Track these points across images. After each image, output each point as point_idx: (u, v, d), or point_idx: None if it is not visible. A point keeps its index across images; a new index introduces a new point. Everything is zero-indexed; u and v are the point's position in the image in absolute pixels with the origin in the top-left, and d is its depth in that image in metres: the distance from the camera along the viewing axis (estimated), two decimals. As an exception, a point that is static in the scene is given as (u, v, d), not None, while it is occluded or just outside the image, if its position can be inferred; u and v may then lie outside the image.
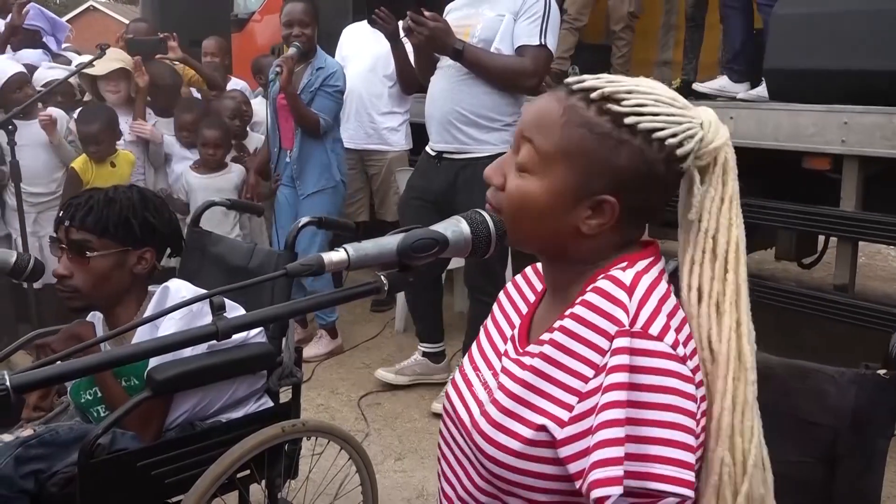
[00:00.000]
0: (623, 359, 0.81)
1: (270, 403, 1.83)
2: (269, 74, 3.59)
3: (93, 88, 3.68)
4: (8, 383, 0.61)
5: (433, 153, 2.98)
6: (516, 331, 1.02)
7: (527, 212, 0.89)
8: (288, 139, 3.53)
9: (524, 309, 1.06)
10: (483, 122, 2.81)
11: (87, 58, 3.64)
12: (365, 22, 4.04)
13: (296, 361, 1.78)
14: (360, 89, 3.91)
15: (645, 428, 0.80)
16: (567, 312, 0.90)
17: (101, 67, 3.50)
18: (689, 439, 0.81)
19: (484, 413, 0.93)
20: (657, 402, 0.80)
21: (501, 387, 0.93)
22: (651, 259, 0.93)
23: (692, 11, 4.28)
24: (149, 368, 1.56)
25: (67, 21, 4.52)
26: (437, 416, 2.92)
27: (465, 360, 1.09)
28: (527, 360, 0.92)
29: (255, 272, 1.94)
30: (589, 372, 0.85)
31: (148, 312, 1.68)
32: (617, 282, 0.87)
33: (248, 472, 1.70)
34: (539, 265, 1.08)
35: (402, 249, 0.80)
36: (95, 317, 1.77)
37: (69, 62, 3.90)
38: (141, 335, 1.64)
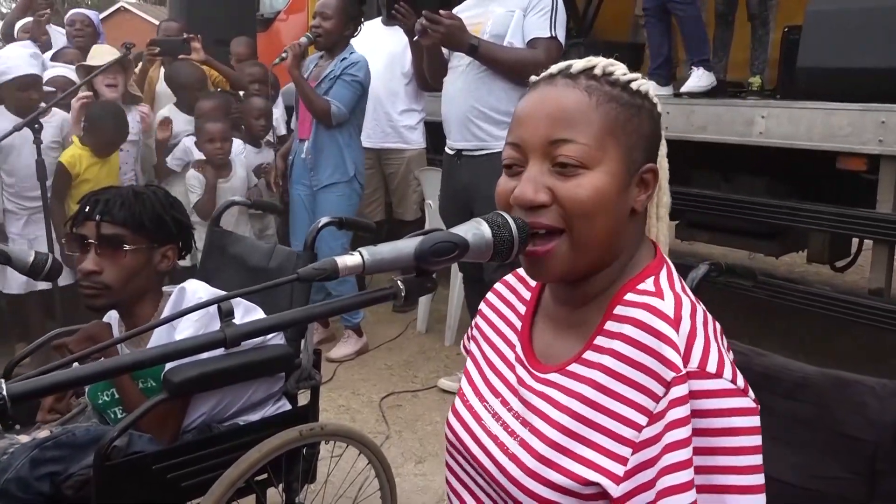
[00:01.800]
0: (684, 410, 0.76)
1: (288, 406, 1.81)
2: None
3: (90, 85, 3.66)
4: (4, 392, 0.58)
5: (452, 152, 3.00)
6: (519, 350, 0.95)
7: (603, 208, 0.83)
8: (305, 129, 3.52)
9: (517, 323, 0.99)
10: (500, 117, 2.83)
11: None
12: (377, 20, 4.02)
13: (315, 364, 1.75)
14: (377, 88, 3.87)
15: (719, 476, 0.76)
16: (603, 345, 0.84)
17: (99, 59, 3.51)
18: (762, 479, 0.77)
19: (513, 458, 0.86)
20: (729, 447, 0.77)
21: (534, 430, 0.86)
22: (663, 262, 0.90)
23: (722, 8, 4.19)
24: (165, 370, 1.55)
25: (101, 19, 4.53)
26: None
27: (465, 383, 1.02)
28: (557, 395, 0.86)
29: (275, 273, 1.92)
30: (641, 419, 0.79)
31: (165, 313, 1.66)
32: (658, 313, 0.81)
33: (265, 475, 1.67)
34: (521, 270, 1.02)
35: (420, 254, 0.76)
36: (111, 317, 1.75)
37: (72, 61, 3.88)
38: (158, 337, 1.63)
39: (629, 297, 0.85)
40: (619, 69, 0.87)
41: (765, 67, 4.31)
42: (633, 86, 0.86)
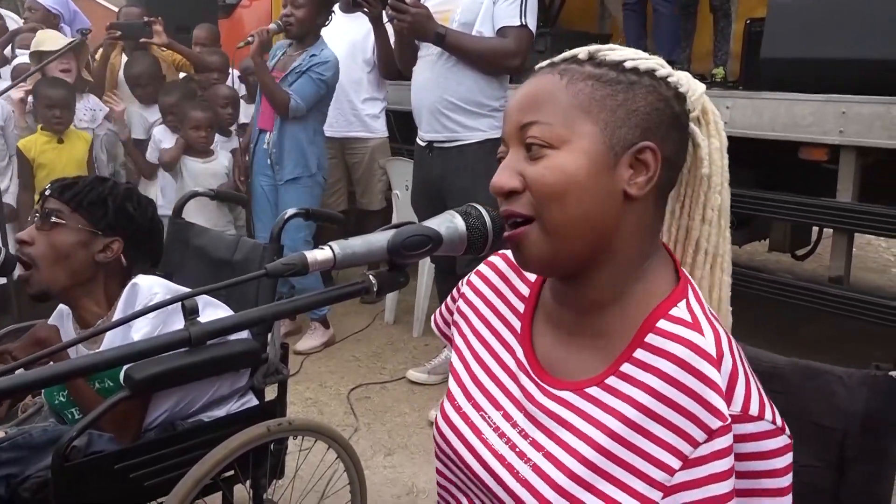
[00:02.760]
0: (728, 462, 0.74)
1: (255, 401, 1.77)
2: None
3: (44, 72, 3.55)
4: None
5: (423, 143, 2.96)
6: (521, 356, 0.88)
7: (571, 190, 0.77)
8: (266, 120, 3.45)
9: (515, 323, 0.92)
10: (471, 107, 2.79)
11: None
12: (335, 8, 3.95)
13: (282, 358, 1.72)
14: (340, 76, 3.82)
15: None
16: (633, 375, 0.78)
17: (52, 43, 3.39)
18: None
19: (525, 484, 0.80)
20: (770, 489, 0.76)
21: (551, 457, 0.80)
22: (687, 279, 0.85)
23: (720, 2, 4.23)
24: (125, 368, 1.50)
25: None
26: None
27: (452, 384, 0.95)
28: (575, 420, 0.80)
29: (240, 265, 1.87)
30: (674, 462, 0.75)
31: (118, 312, 1.61)
32: (700, 352, 0.76)
33: (232, 472, 1.64)
34: (510, 254, 0.94)
35: (393, 247, 0.73)
36: (62, 314, 1.69)
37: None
38: (112, 337, 1.57)
39: (663, 325, 0.79)
40: (615, 53, 0.81)
41: (727, 59, 4.37)
42: (627, 64, 0.80)
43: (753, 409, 0.76)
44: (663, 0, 3.91)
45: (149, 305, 0.69)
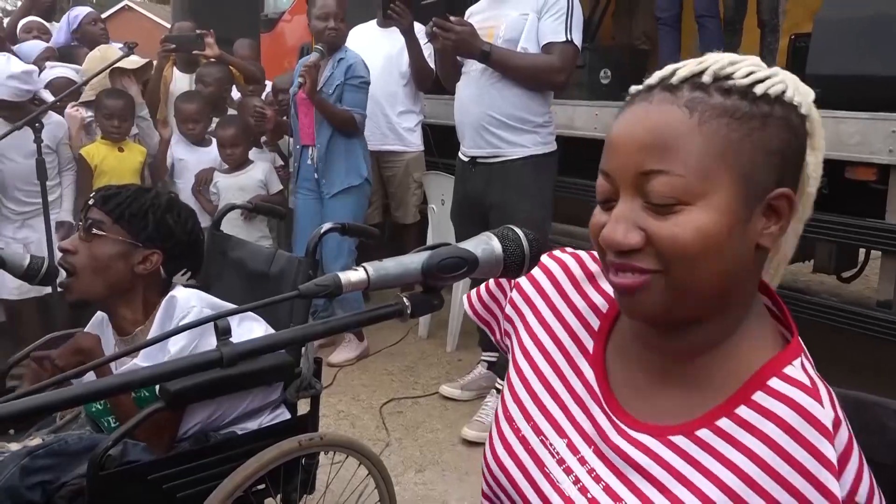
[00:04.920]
0: None
1: (287, 415, 1.77)
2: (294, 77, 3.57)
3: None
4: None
5: (466, 159, 2.95)
6: (594, 384, 0.80)
7: (708, 251, 0.67)
8: (307, 136, 3.48)
9: (587, 342, 0.83)
10: (515, 123, 2.78)
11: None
12: (373, 22, 4.00)
13: (315, 372, 1.72)
14: (375, 90, 3.85)
15: None
16: (730, 432, 0.70)
17: (131, 62, 3.50)
18: None
19: None
20: None
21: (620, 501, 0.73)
22: (797, 335, 0.77)
23: (731, 15, 4.17)
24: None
25: (104, 19, 4.46)
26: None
27: (512, 404, 0.85)
28: (656, 471, 0.72)
29: (276, 278, 1.88)
30: None
31: (156, 324, 1.62)
32: (815, 422, 0.68)
33: (263, 486, 1.64)
34: (585, 256, 0.87)
35: (428, 269, 0.72)
36: (102, 319, 1.71)
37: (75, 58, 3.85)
38: (149, 347, 1.59)
39: (776, 384, 0.70)
40: (742, 68, 0.71)
41: (772, 75, 4.28)
42: (758, 89, 0.69)
43: (861, 496, 0.68)
44: (709, 16, 3.84)
45: (183, 324, 0.69)
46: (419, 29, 3.73)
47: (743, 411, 0.70)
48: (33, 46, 3.87)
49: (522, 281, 0.92)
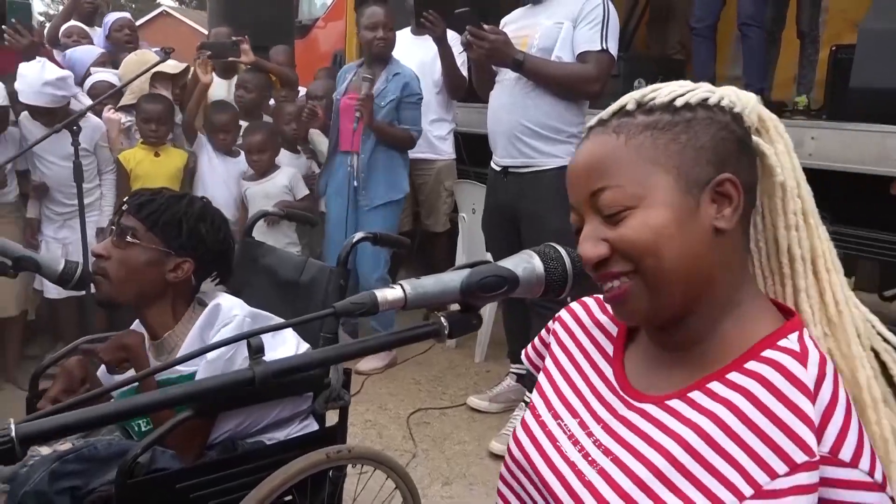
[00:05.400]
0: (809, 500, 0.68)
1: (315, 426, 1.76)
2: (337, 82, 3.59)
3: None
4: (13, 433, 0.53)
5: (498, 168, 2.91)
6: (610, 376, 0.88)
7: (662, 242, 0.76)
8: (347, 142, 3.48)
9: (608, 347, 0.92)
10: (549, 133, 2.73)
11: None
12: (407, 30, 4.00)
13: (344, 383, 1.69)
14: None
15: None
16: (718, 392, 0.76)
17: (171, 66, 3.54)
18: None
19: (589, 486, 0.79)
20: None
21: (618, 462, 0.79)
22: (797, 315, 0.81)
23: (770, 26, 4.09)
24: (192, 386, 1.51)
25: (141, 24, 4.54)
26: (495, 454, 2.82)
27: (538, 399, 0.95)
28: (649, 429, 0.78)
29: (306, 287, 1.87)
30: (746, 489, 0.70)
31: (196, 329, 1.62)
32: (795, 380, 0.73)
33: (290, 497, 1.62)
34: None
35: (467, 288, 0.70)
36: (139, 327, 1.72)
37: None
38: (189, 349, 1.59)
39: (768, 353, 0.76)
40: (662, 92, 0.81)
41: (812, 87, 4.20)
42: (678, 102, 0.79)
43: (846, 454, 0.70)
44: (754, 24, 3.74)
45: (217, 341, 0.67)
46: (453, 37, 3.73)
47: (733, 375, 0.76)
48: (88, 52, 3.92)
49: (563, 315, 1.00)
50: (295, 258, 1.97)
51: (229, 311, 1.62)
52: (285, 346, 1.69)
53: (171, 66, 3.53)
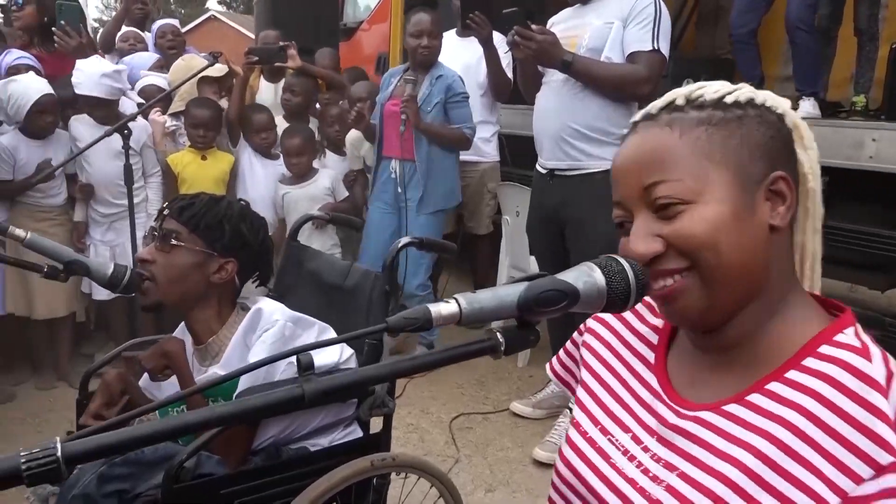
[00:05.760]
0: None
1: (360, 432, 1.74)
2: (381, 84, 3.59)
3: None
4: (59, 453, 0.52)
5: (544, 171, 2.86)
6: (655, 385, 0.86)
7: (720, 238, 0.74)
8: (391, 147, 3.46)
9: (648, 355, 0.90)
10: (597, 135, 2.67)
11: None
12: (452, 32, 3.97)
13: (389, 390, 1.68)
14: None
15: None
16: (782, 394, 0.73)
17: (217, 70, 3.58)
18: None
19: (656, 503, 0.77)
20: None
21: (686, 477, 0.75)
22: (850, 310, 0.80)
23: (826, 24, 3.95)
24: (238, 392, 1.50)
25: (190, 29, 4.64)
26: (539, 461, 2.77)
27: (578, 413, 0.93)
28: (712, 438, 0.75)
29: (351, 291, 1.85)
30: (830, 497, 0.67)
31: (239, 334, 1.62)
32: (866, 378, 0.70)
33: (334, 504, 1.60)
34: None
35: (525, 303, 0.66)
36: (185, 327, 1.72)
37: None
38: (231, 356, 1.59)
39: (826, 349, 0.74)
40: (709, 90, 0.80)
41: (870, 86, 4.04)
42: (728, 99, 0.79)
43: None
44: (802, 30, 3.63)
45: (261, 359, 0.65)
46: (497, 39, 3.69)
47: (793, 374, 0.74)
48: (145, 58, 4.01)
49: (591, 324, 0.99)
50: (339, 263, 1.95)
51: (270, 315, 1.61)
52: (328, 350, 1.67)
53: (217, 69, 3.57)
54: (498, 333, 0.68)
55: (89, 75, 3.21)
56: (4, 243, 3.15)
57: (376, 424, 1.80)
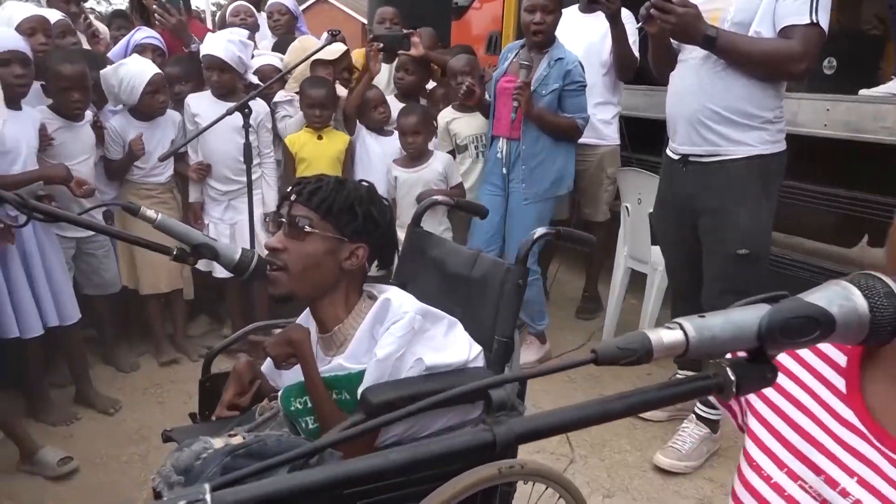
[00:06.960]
0: None
1: (485, 435, 1.63)
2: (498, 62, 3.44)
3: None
4: (208, 498, 0.43)
5: (676, 156, 2.63)
6: (851, 417, 0.74)
7: None
8: (502, 126, 3.32)
9: (836, 381, 0.78)
10: (740, 119, 2.41)
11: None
12: (574, 7, 3.76)
13: (519, 393, 1.56)
14: None
15: None
16: None
17: (330, 52, 3.54)
18: None
19: None
20: None
21: None
22: None
23: None
24: (363, 388, 1.42)
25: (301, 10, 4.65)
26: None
27: (760, 454, 0.81)
28: None
29: (478, 282, 1.74)
30: None
31: (366, 325, 1.54)
32: None
33: (457, 510, 1.51)
34: None
35: (769, 332, 0.52)
36: (309, 314, 1.66)
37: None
38: (357, 348, 1.52)
39: None
40: None
41: None
42: None
43: None
44: None
45: (433, 398, 0.54)
46: (625, 15, 3.46)
47: None
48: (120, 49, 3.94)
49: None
50: (465, 251, 1.84)
51: (399, 307, 1.53)
52: (456, 346, 1.58)
53: (331, 51, 3.53)
54: (728, 369, 0.54)
55: (218, 37, 3.37)
56: (113, 218, 3.24)
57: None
